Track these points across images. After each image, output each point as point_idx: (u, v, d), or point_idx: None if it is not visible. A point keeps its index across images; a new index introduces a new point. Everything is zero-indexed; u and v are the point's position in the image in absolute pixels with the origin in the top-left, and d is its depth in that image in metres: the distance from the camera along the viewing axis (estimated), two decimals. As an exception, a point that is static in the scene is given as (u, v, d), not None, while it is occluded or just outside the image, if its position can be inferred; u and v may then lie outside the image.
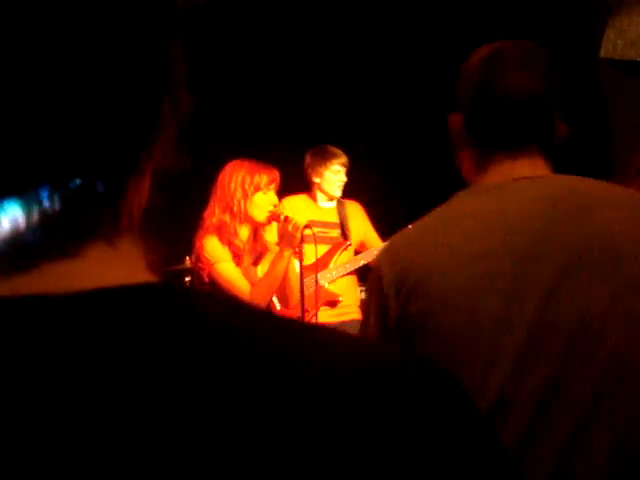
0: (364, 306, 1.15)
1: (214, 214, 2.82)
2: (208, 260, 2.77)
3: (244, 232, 2.86)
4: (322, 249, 3.82)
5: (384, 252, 1.16)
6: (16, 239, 0.38)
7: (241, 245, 2.85)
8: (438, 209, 1.15)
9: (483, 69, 1.16)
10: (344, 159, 3.82)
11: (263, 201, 2.85)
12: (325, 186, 3.84)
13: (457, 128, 1.19)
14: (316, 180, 3.85)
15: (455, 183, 1.21)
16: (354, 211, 3.97)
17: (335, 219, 3.90)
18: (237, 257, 2.85)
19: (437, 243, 1.08)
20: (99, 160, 0.39)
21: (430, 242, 1.10)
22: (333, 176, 3.82)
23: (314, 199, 3.90)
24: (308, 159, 3.87)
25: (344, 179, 3.84)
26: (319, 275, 3.74)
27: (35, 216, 0.38)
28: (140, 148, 0.42)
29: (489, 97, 1.14)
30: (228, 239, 2.81)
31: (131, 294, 0.39)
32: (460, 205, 1.14)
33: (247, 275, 2.86)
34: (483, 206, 1.11)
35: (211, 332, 0.39)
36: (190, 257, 2.95)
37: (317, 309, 3.62)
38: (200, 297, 0.42)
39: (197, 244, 2.83)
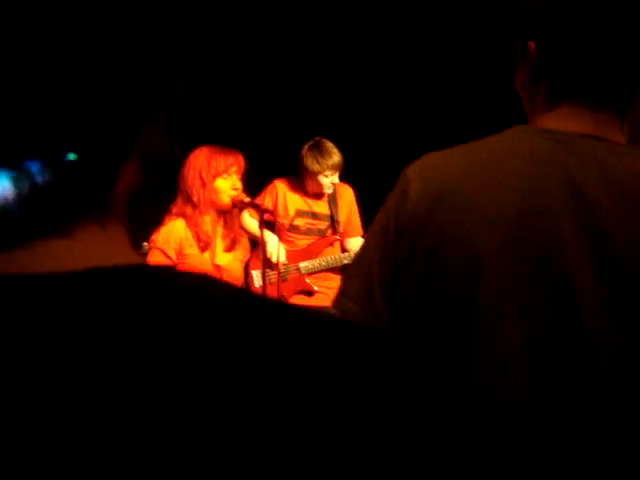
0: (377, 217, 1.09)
1: (176, 205, 2.83)
2: (152, 241, 2.81)
3: (209, 220, 2.86)
4: (309, 240, 3.81)
5: (417, 169, 1.07)
6: (7, 214, 0.38)
7: (209, 233, 2.86)
8: (486, 140, 1.07)
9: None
10: (336, 160, 3.71)
11: (224, 186, 2.84)
12: (316, 187, 3.79)
13: (532, 56, 1.06)
14: (308, 176, 3.77)
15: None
16: (343, 195, 3.90)
17: (325, 210, 3.84)
18: (205, 243, 2.87)
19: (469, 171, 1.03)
20: (93, 140, 0.40)
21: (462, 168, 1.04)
22: (324, 179, 3.75)
23: (305, 188, 3.83)
24: (304, 152, 3.74)
25: (335, 181, 3.77)
26: (301, 264, 3.75)
27: (25, 191, 0.38)
28: (134, 133, 0.42)
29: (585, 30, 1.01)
30: (194, 228, 2.83)
31: (118, 274, 0.40)
32: (507, 144, 1.06)
33: (195, 262, 2.87)
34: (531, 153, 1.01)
35: (196, 306, 0.40)
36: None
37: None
38: (181, 276, 0.43)
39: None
